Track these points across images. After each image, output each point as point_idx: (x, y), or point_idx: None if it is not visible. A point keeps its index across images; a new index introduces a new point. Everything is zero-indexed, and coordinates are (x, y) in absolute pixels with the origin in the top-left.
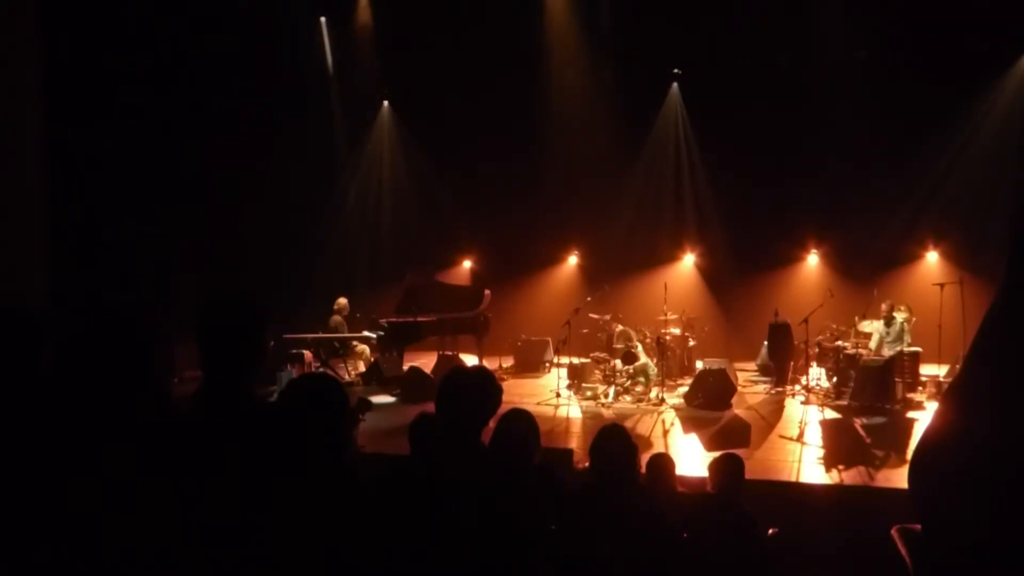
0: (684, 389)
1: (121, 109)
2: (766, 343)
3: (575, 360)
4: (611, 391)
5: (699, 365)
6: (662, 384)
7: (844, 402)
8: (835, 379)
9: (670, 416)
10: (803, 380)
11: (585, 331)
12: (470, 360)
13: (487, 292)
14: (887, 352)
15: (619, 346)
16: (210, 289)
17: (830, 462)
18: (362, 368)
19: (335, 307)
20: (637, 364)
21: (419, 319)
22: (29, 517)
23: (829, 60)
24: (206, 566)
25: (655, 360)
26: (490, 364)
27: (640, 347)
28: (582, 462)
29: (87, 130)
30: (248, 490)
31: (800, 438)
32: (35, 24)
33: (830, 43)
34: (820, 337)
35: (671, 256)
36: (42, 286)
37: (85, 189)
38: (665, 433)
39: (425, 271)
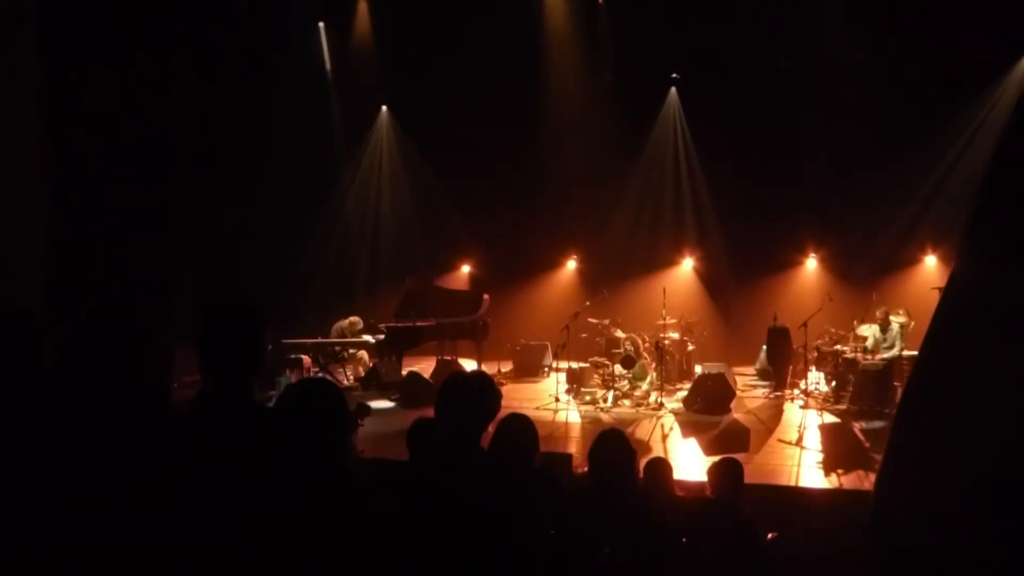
0: (683, 393)
1: (121, 111)
2: (765, 347)
3: (574, 365)
4: (610, 395)
5: (698, 369)
6: (661, 388)
7: (843, 406)
8: (834, 383)
9: (669, 420)
10: (802, 384)
11: (584, 335)
12: (469, 365)
13: (486, 297)
14: (883, 357)
15: (619, 351)
16: (209, 293)
17: (829, 466)
18: (361, 373)
19: (348, 320)
20: (637, 369)
21: (418, 324)
22: (28, 518)
23: (828, 63)
24: (204, 570)
25: (654, 365)
26: (489, 369)
27: (645, 355)
28: (581, 467)
29: (87, 132)
30: (247, 494)
31: (799, 442)
32: (35, 26)
33: (829, 46)
34: (819, 341)
35: (670, 260)
36: (42, 286)
37: (85, 191)
38: (664, 437)
39: (424, 276)
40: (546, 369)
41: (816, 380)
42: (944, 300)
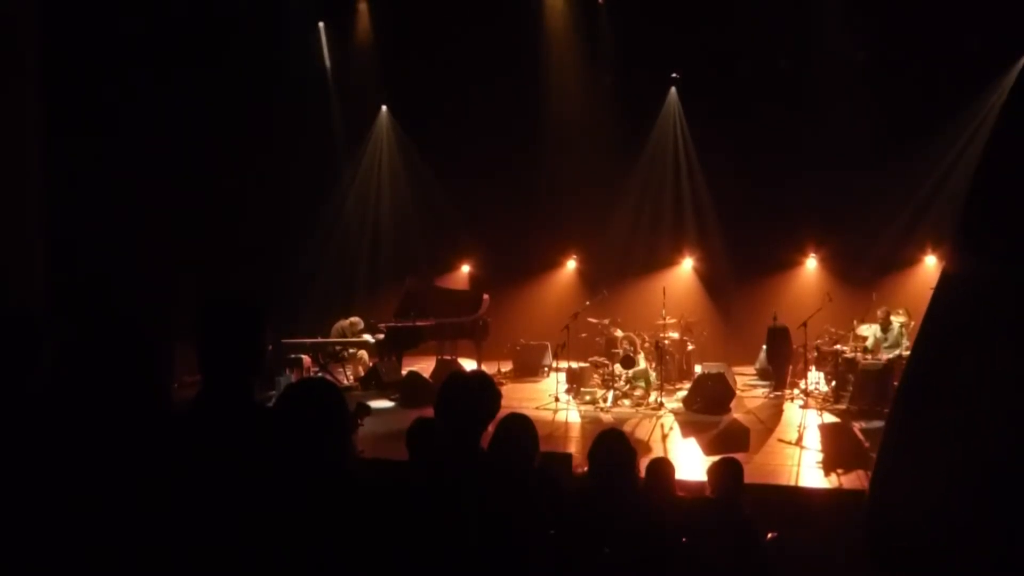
0: (683, 393)
1: (122, 111)
2: (765, 347)
3: (574, 364)
4: (610, 395)
5: (698, 369)
6: (661, 388)
7: (843, 406)
8: (834, 383)
9: (669, 420)
10: (802, 384)
11: (584, 335)
12: (469, 365)
13: (486, 297)
14: (884, 357)
15: (618, 350)
16: (209, 293)
17: (829, 466)
18: (361, 373)
19: (348, 319)
20: (637, 369)
21: (418, 324)
22: (28, 518)
23: (828, 63)
24: (205, 570)
25: (654, 365)
26: (489, 368)
27: (642, 354)
28: (581, 466)
29: (87, 131)
30: (246, 494)
31: (799, 442)
32: (36, 25)
33: (829, 46)
34: (819, 341)
35: (670, 260)
36: (42, 286)
37: (85, 191)
38: (664, 437)
39: (424, 276)
40: (546, 369)
41: (816, 380)
42: (938, 298)
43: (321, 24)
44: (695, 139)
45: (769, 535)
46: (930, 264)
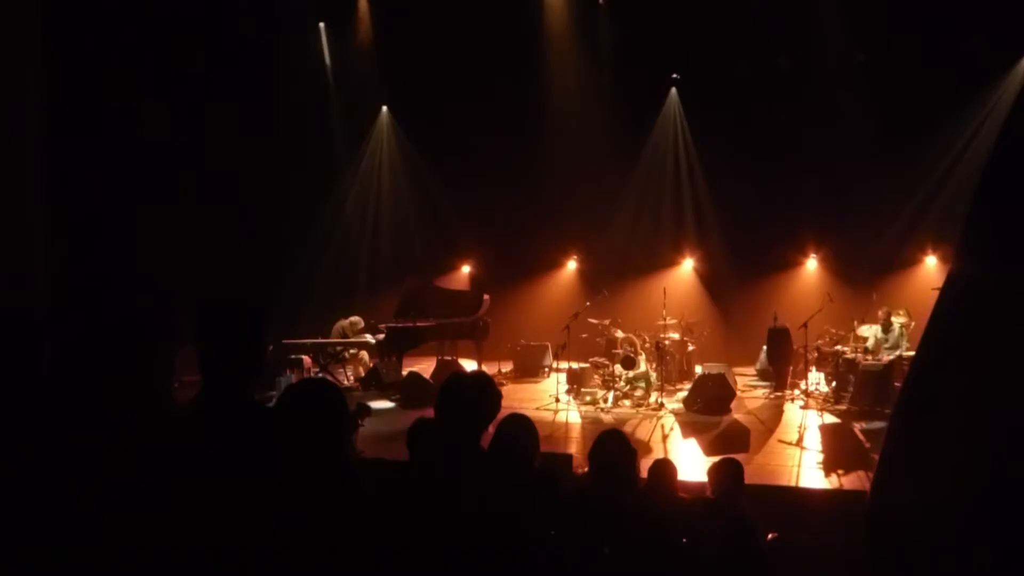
0: (683, 394)
1: (122, 111)
2: (765, 347)
3: (574, 365)
4: (610, 396)
5: (698, 370)
6: (661, 389)
7: (843, 407)
8: (834, 384)
9: (669, 421)
10: (802, 385)
11: (584, 336)
12: (469, 365)
13: (486, 297)
14: (885, 357)
15: (618, 351)
16: (209, 293)
17: (829, 467)
18: (361, 373)
19: (349, 319)
20: (637, 370)
21: (418, 324)
22: (29, 518)
23: (828, 63)
24: (205, 570)
25: (654, 365)
26: (489, 369)
27: (643, 354)
28: (581, 467)
29: (88, 131)
30: (247, 494)
31: (799, 443)
32: (36, 25)
33: (829, 46)
34: (819, 341)
35: (670, 260)
36: (42, 286)
37: (86, 190)
38: (664, 438)
39: (424, 276)
40: (546, 369)
41: (816, 380)
42: (943, 299)
43: (321, 24)
44: (695, 139)
45: (769, 535)
46: (930, 264)
